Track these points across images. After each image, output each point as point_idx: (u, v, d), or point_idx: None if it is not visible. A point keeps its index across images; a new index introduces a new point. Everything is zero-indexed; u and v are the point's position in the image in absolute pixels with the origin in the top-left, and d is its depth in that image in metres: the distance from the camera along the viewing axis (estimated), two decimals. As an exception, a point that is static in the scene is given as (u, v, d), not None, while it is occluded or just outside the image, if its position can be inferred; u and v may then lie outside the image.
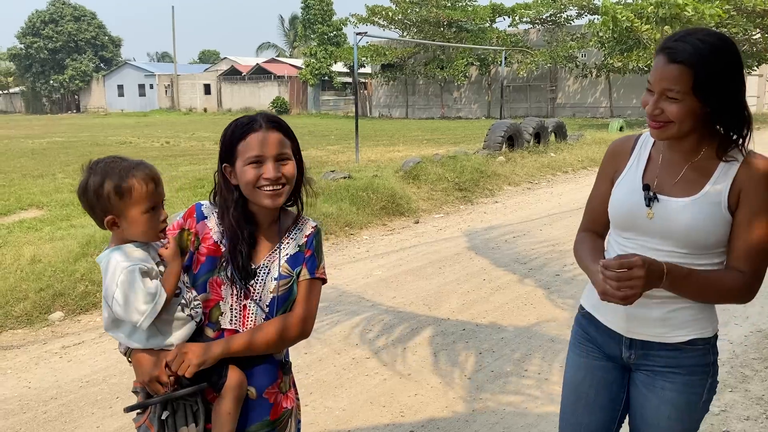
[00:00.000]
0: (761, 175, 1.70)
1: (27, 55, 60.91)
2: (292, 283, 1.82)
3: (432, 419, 3.54)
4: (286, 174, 1.75)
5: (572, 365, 2.06)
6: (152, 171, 1.70)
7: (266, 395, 1.83)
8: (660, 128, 1.71)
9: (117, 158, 1.70)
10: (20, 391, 3.96)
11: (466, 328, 4.88)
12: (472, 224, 8.88)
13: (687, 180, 1.76)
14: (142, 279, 1.62)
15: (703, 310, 1.81)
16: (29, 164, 15.38)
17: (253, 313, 1.79)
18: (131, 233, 1.68)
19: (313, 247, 1.86)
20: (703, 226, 1.71)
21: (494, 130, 14.32)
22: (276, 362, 1.86)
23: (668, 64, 1.64)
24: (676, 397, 1.83)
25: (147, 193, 1.65)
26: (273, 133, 1.74)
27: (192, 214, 1.85)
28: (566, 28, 36.37)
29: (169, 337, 1.70)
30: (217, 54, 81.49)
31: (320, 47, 44.46)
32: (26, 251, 6.28)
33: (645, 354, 1.86)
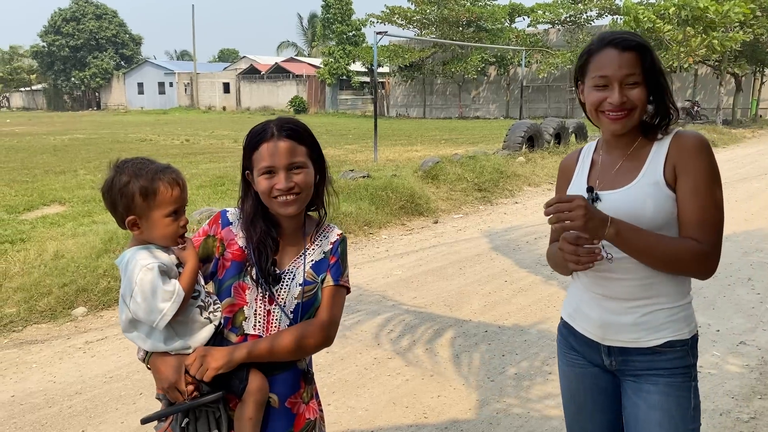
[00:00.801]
0: (692, 144, 1.76)
1: (49, 52, 61.65)
2: (317, 289, 1.80)
3: (455, 421, 3.51)
4: (299, 183, 1.72)
5: (563, 376, 2.07)
6: (178, 176, 1.70)
7: (288, 404, 1.80)
8: (624, 117, 1.77)
9: (145, 160, 1.70)
10: (45, 386, 3.99)
11: (488, 330, 4.84)
12: (492, 225, 8.83)
13: (624, 170, 1.82)
14: (161, 278, 1.62)
15: (679, 311, 1.80)
16: (51, 160, 15.56)
17: (277, 318, 1.77)
18: (151, 235, 1.68)
19: (338, 254, 1.84)
20: (647, 207, 1.73)
21: (514, 131, 14.24)
22: (299, 371, 1.83)
23: (623, 52, 1.74)
24: (664, 400, 1.80)
25: (171, 197, 1.66)
26: (284, 142, 1.71)
27: (217, 221, 1.85)
28: (586, 29, 36.10)
29: (187, 340, 1.68)
30: (237, 53, 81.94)
31: (339, 47, 44.51)
32: (49, 247, 6.34)
33: (624, 360, 1.85)
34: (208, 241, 1.83)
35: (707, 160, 1.75)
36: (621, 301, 1.81)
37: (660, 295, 1.79)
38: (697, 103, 28.65)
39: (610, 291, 1.83)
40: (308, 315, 1.79)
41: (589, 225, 1.63)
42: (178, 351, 1.68)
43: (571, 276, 2.00)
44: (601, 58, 1.77)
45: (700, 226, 1.72)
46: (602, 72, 1.76)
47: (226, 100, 55.21)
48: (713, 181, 1.74)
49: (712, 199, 1.73)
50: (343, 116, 42.18)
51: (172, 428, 1.69)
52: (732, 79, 28.59)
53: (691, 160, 1.74)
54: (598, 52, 1.79)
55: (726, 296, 5.58)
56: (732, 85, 29.10)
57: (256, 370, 1.72)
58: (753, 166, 14.64)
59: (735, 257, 6.81)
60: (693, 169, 1.73)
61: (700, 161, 1.74)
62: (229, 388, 1.68)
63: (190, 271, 1.68)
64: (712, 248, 1.73)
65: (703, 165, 1.74)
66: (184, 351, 1.68)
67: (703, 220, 1.72)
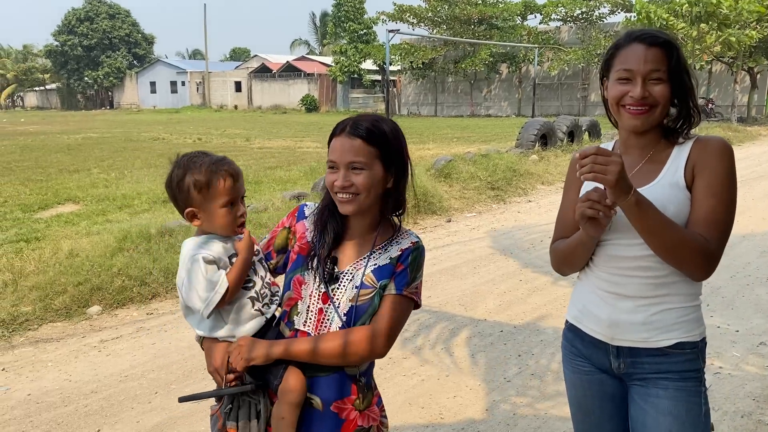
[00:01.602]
0: (713, 147, 1.74)
1: (62, 52, 62.13)
2: (374, 294, 1.71)
3: (472, 422, 3.48)
4: (357, 184, 1.67)
5: (570, 383, 2.03)
6: (232, 167, 1.73)
7: (335, 409, 1.72)
8: (645, 113, 1.74)
9: (201, 153, 1.75)
10: (61, 384, 3.99)
11: (504, 330, 4.80)
12: (505, 223, 8.78)
13: (644, 171, 1.79)
14: (206, 267, 1.66)
15: (690, 311, 1.77)
16: (65, 159, 15.67)
17: (329, 318, 1.72)
18: (209, 226, 1.74)
19: (408, 262, 1.74)
20: (668, 209, 1.69)
21: (527, 129, 14.16)
22: (347, 376, 1.74)
23: (650, 48, 1.72)
24: (674, 406, 1.75)
25: (225, 189, 1.70)
26: (351, 140, 1.68)
27: (294, 214, 1.88)
28: (599, 26, 35.86)
29: (234, 328, 1.71)
30: (248, 51, 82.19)
31: (350, 45, 44.52)
32: (64, 245, 6.37)
33: (633, 362, 1.81)
34: (284, 233, 1.86)
35: (727, 164, 1.72)
36: (632, 300, 1.78)
37: (672, 294, 1.76)
38: (712, 100, 28.40)
39: (623, 289, 1.80)
40: (362, 320, 1.71)
41: (619, 183, 1.59)
42: (224, 338, 1.72)
43: (578, 277, 1.97)
44: (627, 52, 1.75)
45: (707, 225, 1.68)
46: (627, 65, 1.74)
47: (238, 98, 55.40)
48: (729, 185, 1.71)
49: (725, 201, 1.70)
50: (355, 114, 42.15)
51: (220, 411, 1.75)
52: (747, 76, 28.29)
53: (711, 160, 1.72)
54: (624, 47, 1.77)
55: (745, 296, 5.50)
56: (747, 83, 28.80)
57: (295, 369, 1.69)
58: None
59: (753, 257, 6.72)
60: (711, 169, 1.71)
61: (720, 163, 1.72)
62: (264, 382, 1.71)
63: (239, 264, 1.71)
64: (716, 249, 1.69)
65: (722, 167, 1.72)
66: (230, 339, 1.72)
67: (712, 220, 1.69)
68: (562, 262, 1.98)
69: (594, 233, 1.74)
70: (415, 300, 1.76)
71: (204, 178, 1.69)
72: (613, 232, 1.83)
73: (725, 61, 26.27)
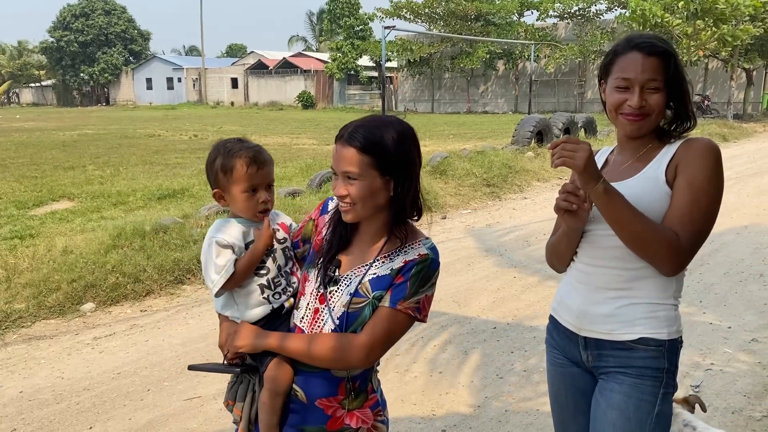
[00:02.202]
0: (697, 147, 1.76)
1: (58, 48, 61.88)
2: (366, 305, 1.66)
3: (464, 418, 3.49)
4: (351, 194, 1.64)
5: (548, 374, 2.08)
6: (258, 155, 1.80)
7: (320, 405, 1.72)
8: (641, 120, 1.78)
9: (237, 140, 1.84)
10: (53, 381, 3.99)
11: (497, 326, 4.81)
12: (500, 220, 8.79)
13: (632, 167, 1.84)
14: (219, 250, 1.75)
15: (657, 309, 1.78)
16: (60, 156, 15.62)
17: (323, 319, 1.71)
18: (234, 208, 1.83)
19: (409, 275, 1.65)
20: (641, 201, 1.72)
21: (523, 125, 14.16)
22: (334, 378, 1.71)
23: (648, 57, 1.74)
24: (623, 401, 1.77)
25: (247, 174, 1.78)
26: (346, 149, 1.64)
27: (320, 207, 1.90)
28: (595, 23, 35.85)
29: (241, 311, 1.80)
30: (245, 48, 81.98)
31: (346, 41, 44.44)
32: (58, 242, 6.35)
33: (599, 354, 1.84)
34: (309, 224, 1.89)
35: (709, 164, 1.73)
36: (600, 291, 1.82)
37: (641, 289, 1.78)
38: (708, 97, 28.42)
39: (595, 279, 1.83)
40: (353, 328, 1.67)
41: (587, 169, 1.65)
42: (232, 317, 1.81)
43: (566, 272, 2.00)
44: (626, 60, 1.78)
45: (681, 221, 1.69)
46: (625, 74, 1.77)
47: (235, 95, 55.29)
48: (709, 185, 1.71)
49: (703, 200, 1.70)
50: (352, 111, 42.10)
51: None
52: (743, 73, 28.33)
53: (695, 159, 1.73)
54: (623, 54, 1.79)
55: (738, 293, 5.52)
56: (743, 79, 28.83)
57: (281, 361, 1.71)
58: (765, 161, 14.49)
59: (747, 253, 6.74)
60: (693, 167, 1.72)
61: (702, 162, 1.73)
62: (250, 368, 1.80)
63: (249, 252, 1.77)
64: (688, 245, 1.69)
65: (704, 166, 1.72)
66: (236, 319, 1.81)
67: (687, 216, 1.69)
68: (551, 255, 2.04)
69: (573, 225, 1.79)
70: (414, 316, 1.66)
71: (228, 162, 1.78)
72: (595, 222, 1.87)
73: (721, 58, 26.28)
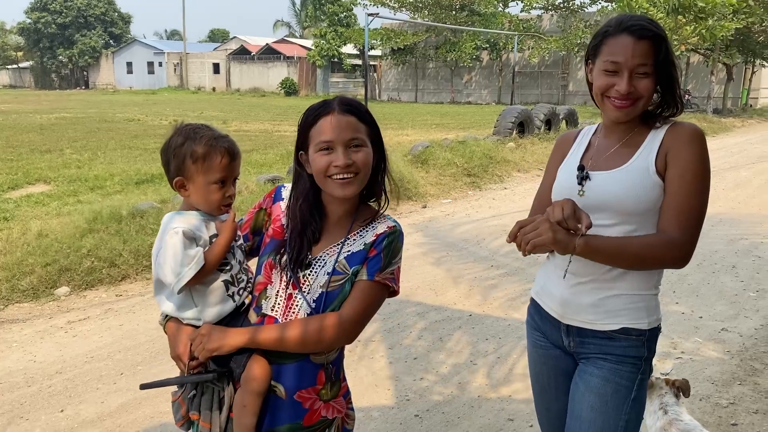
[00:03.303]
0: (686, 133, 1.74)
1: (36, 29, 60.74)
2: (346, 281, 1.65)
3: (437, 404, 3.52)
4: (358, 161, 1.61)
5: (530, 356, 2.09)
6: (233, 146, 1.71)
7: (299, 398, 1.67)
8: (629, 106, 1.75)
9: (205, 126, 1.73)
10: (25, 365, 3.95)
11: (473, 314, 4.85)
12: (480, 210, 8.83)
13: (618, 154, 1.81)
14: (186, 243, 1.63)
15: (639, 300, 1.79)
16: (37, 139, 15.38)
17: (297, 305, 1.67)
18: (195, 200, 1.71)
19: (381, 247, 1.66)
20: (632, 193, 1.73)
21: (505, 116, 14.20)
22: (314, 365, 1.68)
23: (639, 41, 1.70)
24: (602, 385, 1.79)
25: (220, 165, 1.68)
26: (346, 117, 1.61)
27: (271, 195, 1.83)
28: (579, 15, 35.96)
29: (201, 311, 1.68)
30: (227, 33, 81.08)
31: (330, 28, 44.13)
32: (33, 226, 6.27)
33: (581, 341, 1.85)
34: (259, 214, 1.81)
35: (698, 151, 1.73)
36: (585, 282, 1.82)
37: (623, 281, 1.79)
38: (689, 91, 28.72)
39: (578, 270, 1.82)
40: (331, 307, 1.65)
41: (558, 237, 1.62)
42: (190, 320, 1.68)
43: (546, 256, 2.00)
44: (616, 43, 1.73)
45: (680, 214, 1.70)
46: (614, 58, 1.72)
47: (216, 80, 54.73)
48: (701, 172, 1.72)
49: (697, 189, 1.71)
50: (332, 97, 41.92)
51: (183, 398, 1.72)
52: (723, 69, 28.64)
53: (683, 147, 1.72)
54: (613, 36, 1.74)
55: (710, 283, 5.61)
56: (723, 75, 29.16)
57: (258, 358, 1.64)
58: (741, 155, 14.71)
59: (721, 245, 6.85)
60: (683, 156, 1.71)
61: (692, 150, 1.72)
62: (227, 371, 1.67)
63: (219, 244, 1.67)
64: (689, 237, 1.70)
65: (694, 154, 1.72)
66: (195, 322, 1.68)
67: (685, 209, 1.70)
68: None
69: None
70: (390, 286, 1.69)
71: (202, 150, 1.66)
72: None
73: (702, 53, 26.54)
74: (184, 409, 1.70)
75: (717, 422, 3.35)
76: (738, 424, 3.34)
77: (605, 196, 1.77)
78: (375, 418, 3.37)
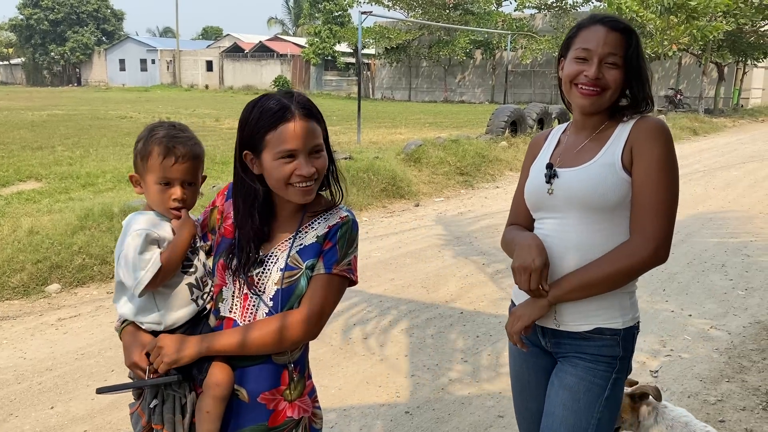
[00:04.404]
0: (648, 130, 1.75)
1: (28, 26, 60.37)
2: (300, 276, 1.62)
3: (428, 401, 3.53)
4: (319, 168, 1.59)
5: (511, 354, 2.10)
6: (181, 148, 1.64)
7: (262, 400, 1.64)
8: (596, 94, 1.77)
9: (169, 124, 1.69)
10: (15, 362, 3.94)
11: (464, 312, 4.86)
12: (472, 208, 8.85)
13: (586, 150, 1.83)
14: (143, 246, 1.59)
15: (612, 300, 1.79)
16: (28, 136, 15.29)
17: (254, 305, 1.64)
18: (147, 199, 1.69)
19: (336, 239, 1.63)
20: (599, 190, 1.74)
21: (497, 115, 14.23)
22: (276, 366, 1.65)
23: (611, 32, 1.75)
24: (575, 383, 1.81)
25: (161, 165, 1.63)
26: (307, 123, 1.57)
27: (224, 193, 1.78)
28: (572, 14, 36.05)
29: (163, 315, 1.64)
30: (220, 31, 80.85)
31: (324, 26, 44.08)
32: (24, 223, 6.24)
33: (557, 342, 1.87)
34: (213, 212, 1.78)
35: (663, 145, 1.73)
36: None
37: None
38: (681, 91, 28.86)
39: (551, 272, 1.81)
40: (290, 304, 1.62)
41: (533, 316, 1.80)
42: (150, 325, 1.64)
43: None
44: (588, 33, 1.79)
45: (651, 210, 1.70)
46: (586, 45, 1.77)
47: (209, 78, 54.57)
48: (666, 167, 1.72)
49: (665, 183, 1.70)
50: (328, 97, 41.88)
51: (142, 408, 1.66)
52: (715, 69, 28.79)
53: (647, 143, 1.73)
54: (586, 28, 1.80)
55: (700, 282, 5.65)
56: (715, 75, 29.31)
57: (220, 363, 1.61)
58: (732, 155, 14.79)
59: (710, 244, 6.89)
60: (647, 151, 1.72)
61: (656, 145, 1.72)
62: (189, 376, 1.63)
63: (175, 244, 1.62)
64: (659, 231, 1.70)
65: (658, 150, 1.72)
66: (156, 327, 1.64)
67: (652, 202, 1.70)
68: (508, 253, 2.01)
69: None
70: (349, 277, 1.66)
71: (149, 149, 1.64)
72: (538, 211, 1.90)
73: (694, 53, 26.67)
74: (144, 420, 1.65)
75: (705, 419, 3.37)
76: (725, 421, 3.37)
77: (571, 193, 1.78)
78: (365, 415, 3.38)
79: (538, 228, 1.90)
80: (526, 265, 1.72)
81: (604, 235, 1.76)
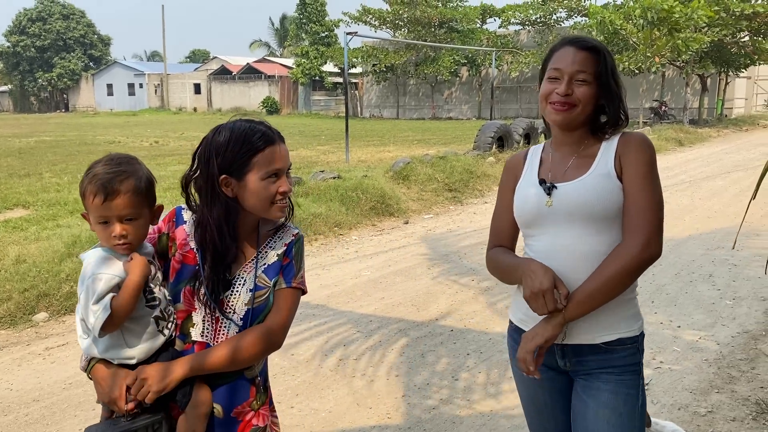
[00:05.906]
0: (634, 142, 1.86)
1: (15, 53, 60.38)
2: (269, 293, 1.75)
3: (419, 421, 3.52)
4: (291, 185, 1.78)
5: (521, 382, 2.08)
6: (110, 186, 1.59)
7: (235, 414, 1.76)
8: (566, 110, 1.86)
9: (108, 160, 1.64)
10: (1, 393, 3.90)
11: (454, 329, 4.86)
12: (461, 225, 8.88)
13: (576, 165, 1.91)
14: (102, 288, 1.58)
15: (628, 308, 1.86)
16: (16, 163, 15.24)
17: (226, 326, 1.72)
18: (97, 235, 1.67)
19: (292, 255, 1.79)
20: (601, 197, 1.81)
21: (484, 131, 14.33)
22: (247, 380, 1.78)
23: (580, 51, 1.85)
24: (613, 398, 1.84)
25: (92, 204, 1.61)
26: (284, 146, 1.74)
27: (172, 218, 1.80)
28: (556, 30, 36.46)
29: (132, 349, 1.64)
30: (207, 53, 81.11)
31: (312, 47, 44.34)
32: (11, 251, 6.21)
33: (579, 360, 1.88)
34: (162, 238, 1.78)
35: (648, 154, 1.85)
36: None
37: None
38: (665, 103, 29.15)
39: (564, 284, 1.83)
40: (258, 321, 1.74)
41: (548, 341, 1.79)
42: (121, 361, 1.64)
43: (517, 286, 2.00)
44: (560, 54, 1.89)
45: (643, 212, 1.78)
46: (557, 65, 1.88)
47: (197, 101, 54.67)
48: (651, 173, 1.83)
49: (651, 188, 1.81)
50: (317, 117, 42.03)
51: None
52: (698, 80, 29.14)
53: (634, 153, 1.84)
54: (558, 50, 1.91)
55: (688, 292, 5.68)
56: (698, 86, 29.66)
57: (202, 383, 1.69)
58: (717, 165, 14.93)
59: (697, 254, 6.94)
60: (635, 159, 1.83)
61: (642, 153, 1.84)
62: (174, 400, 1.66)
63: (123, 288, 1.59)
64: (651, 227, 1.77)
65: (643, 159, 1.83)
66: (128, 361, 1.64)
67: (646, 207, 1.78)
68: (500, 278, 2.04)
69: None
70: (303, 288, 1.82)
71: (82, 188, 1.62)
72: (534, 227, 1.92)
73: (677, 65, 27.00)
74: None
75: (695, 431, 3.38)
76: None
77: (575, 203, 1.84)
78: (357, 437, 3.36)
79: (531, 245, 1.93)
80: (536, 291, 1.75)
81: (607, 244, 1.82)
